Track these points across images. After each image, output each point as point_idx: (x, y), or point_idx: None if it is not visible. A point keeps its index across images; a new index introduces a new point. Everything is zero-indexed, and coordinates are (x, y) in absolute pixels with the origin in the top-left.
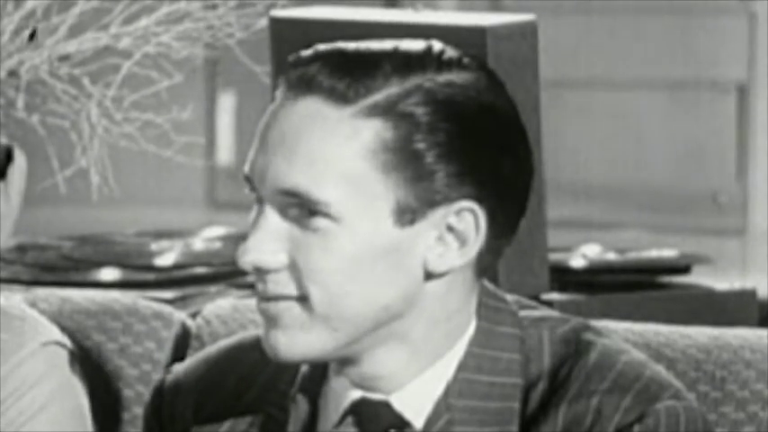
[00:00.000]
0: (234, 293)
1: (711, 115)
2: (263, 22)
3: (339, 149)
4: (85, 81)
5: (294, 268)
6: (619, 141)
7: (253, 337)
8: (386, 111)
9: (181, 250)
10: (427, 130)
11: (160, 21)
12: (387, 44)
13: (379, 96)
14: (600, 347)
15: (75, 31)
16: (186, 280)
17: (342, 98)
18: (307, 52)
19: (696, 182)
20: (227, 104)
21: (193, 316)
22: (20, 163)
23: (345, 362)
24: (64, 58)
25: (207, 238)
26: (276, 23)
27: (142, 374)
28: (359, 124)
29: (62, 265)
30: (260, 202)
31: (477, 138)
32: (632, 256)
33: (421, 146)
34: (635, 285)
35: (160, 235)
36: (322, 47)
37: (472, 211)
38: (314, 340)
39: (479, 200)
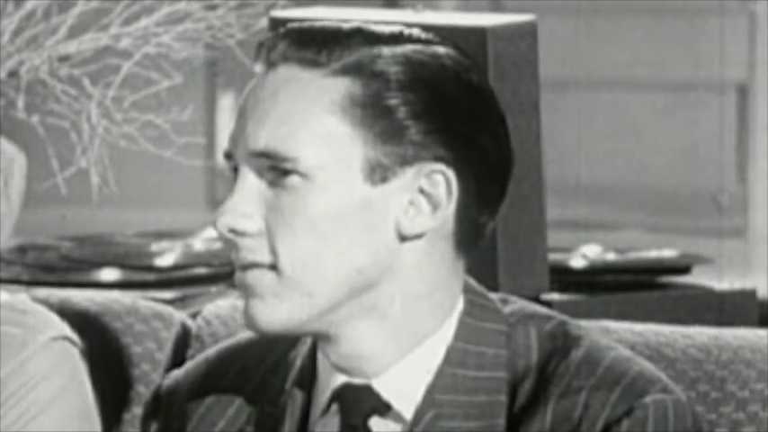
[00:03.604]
0: (234, 294)
1: (711, 115)
2: (264, 23)
3: (309, 107)
4: (85, 81)
5: (268, 234)
6: (619, 141)
7: (249, 337)
8: (357, 69)
9: (181, 251)
10: (398, 87)
11: (160, 21)
12: (357, 22)
13: (350, 59)
14: (587, 343)
15: (75, 32)
16: (186, 280)
17: (314, 63)
18: (278, 31)
19: (696, 182)
20: (226, 105)
21: (193, 316)
22: (20, 163)
23: (326, 340)
24: (64, 58)
25: (207, 238)
26: (276, 24)
27: (142, 374)
28: (329, 82)
29: (62, 265)
30: (236, 170)
31: (449, 101)
32: (632, 256)
33: (392, 102)
34: (635, 285)
35: (160, 235)
36: (294, 24)
37: (443, 173)
38: (289, 308)
39: (452, 164)
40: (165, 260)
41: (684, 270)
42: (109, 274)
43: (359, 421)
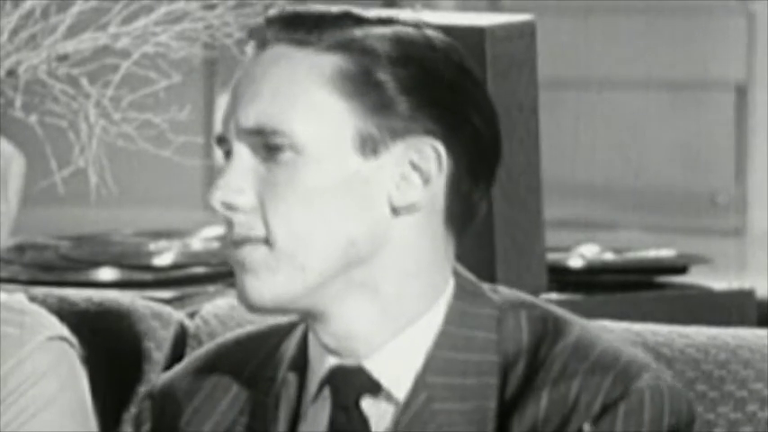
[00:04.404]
0: (232, 293)
1: (711, 115)
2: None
3: (299, 82)
4: (84, 81)
5: (261, 209)
6: (618, 141)
7: (240, 333)
8: (347, 46)
9: (179, 250)
10: (387, 62)
11: (158, 21)
12: (347, 6)
13: (341, 37)
14: (578, 328)
15: (73, 31)
16: (184, 280)
17: (305, 42)
18: (270, 15)
19: (695, 182)
20: (225, 104)
21: (191, 316)
22: (18, 163)
23: (318, 319)
24: (62, 57)
25: (205, 237)
26: None
27: (141, 374)
28: (321, 58)
29: (60, 264)
30: (228, 154)
31: (438, 77)
32: (630, 256)
33: (381, 76)
34: (633, 285)
35: (158, 235)
36: (284, 9)
37: (434, 147)
38: (282, 281)
39: (442, 138)
40: (163, 259)
41: (682, 270)
42: (107, 273)
43: (350, 402)
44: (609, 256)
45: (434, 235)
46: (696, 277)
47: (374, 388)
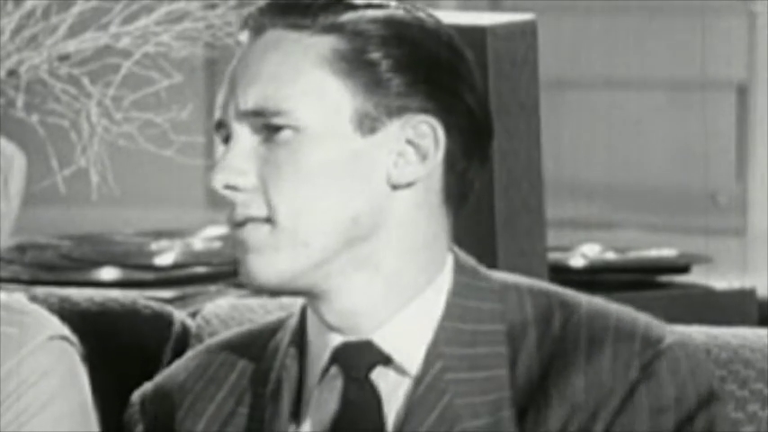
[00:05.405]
0: (233, 293)
1: (711, 115)
2: None
3: (296, 63)
4: (85, 81)
5: (263, 189)
6: (618, 141)
7: (230, 334)
8: (341, 28)
9: (180, 250)
10: (380, 42)
11: (159, 20)
12: None
13: (334, 19)
14: (584, 300)
15: (74, 31)
16: (186, 279)
17: (300, 26)
18: (263, 4)
19: (696, 182)
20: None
21: (193, 315)
22: (20, 162)
23: (320, 297)
24: (63, 57)
25: (206, 237)
26: None
27: (142, 374)
28: (315, 40)
29: (61, 264)
30: (227, 140)
31: (431, 56)
32: (632, 255)
33: (374, 56)
34: (634, 285)
35: (160, 234)
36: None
37: (430, 124)
38: (285, 258)
39: (437, 115)
40: (165, 259)
41: (683, 269)
42: (108, 273)
43: (361, 374)
44: (610, 256)
45: (432, 211)
46: (697, 277)
47: (384, 360)
